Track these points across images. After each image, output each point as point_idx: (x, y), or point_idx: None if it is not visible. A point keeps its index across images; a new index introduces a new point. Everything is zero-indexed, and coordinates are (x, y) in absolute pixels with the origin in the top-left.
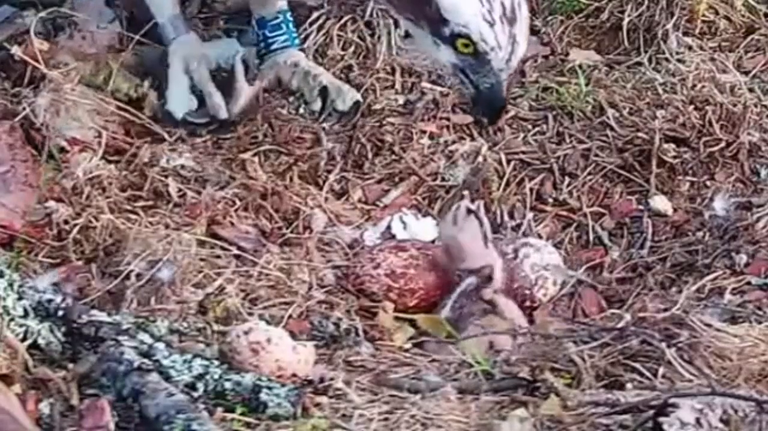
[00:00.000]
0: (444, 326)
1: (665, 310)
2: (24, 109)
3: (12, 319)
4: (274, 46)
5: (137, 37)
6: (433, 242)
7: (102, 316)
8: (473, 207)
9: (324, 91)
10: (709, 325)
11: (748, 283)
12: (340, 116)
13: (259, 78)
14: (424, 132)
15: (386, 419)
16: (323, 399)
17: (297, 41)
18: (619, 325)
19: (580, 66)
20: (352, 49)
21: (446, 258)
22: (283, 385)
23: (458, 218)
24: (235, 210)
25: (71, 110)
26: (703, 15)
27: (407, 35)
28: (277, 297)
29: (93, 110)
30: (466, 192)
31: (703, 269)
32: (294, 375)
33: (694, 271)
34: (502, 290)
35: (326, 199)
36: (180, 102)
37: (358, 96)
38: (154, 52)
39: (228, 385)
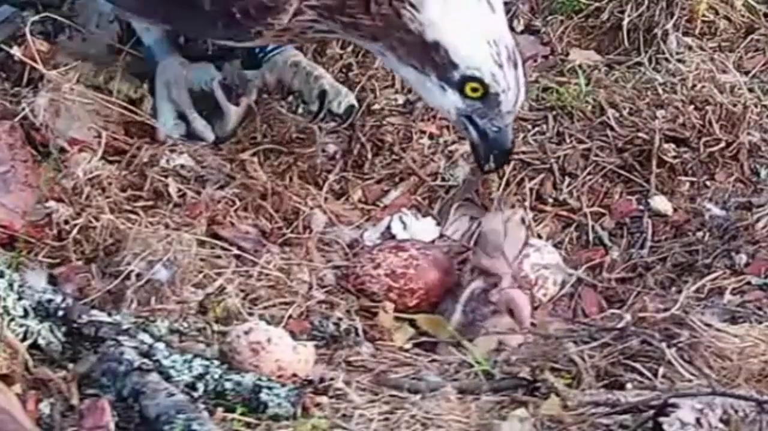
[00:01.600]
0: (444, 326)
1: (665, 310)
2: (23, 109)
3: (12, 319)
4: (271, 47)
5: (136, 37)
6: (433, 242)
7: (102, 316)
8: (528, 219)
9: (323, 94)
10: (709, 325)
11: (748, 283)
12: (333, 117)
13: (246, 95)
14: (424, 132)
15: (386, 419)
16: (323, 399)
17: None
18: (619, 325)
19: (580, 66)
20: (351, 48)
21: (476, 248)
22: (283, 385)
23: (510, 222)
24: (235, 210)
25: (71, 110)
26: (703, 15)
27: None
28: (277, 297)
29: (93, 110)
30: (527, 205)
31: (703, 269)
32: (294, 375)
33: (694, 271)
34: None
35: (326, 199)
36: (170, 128)
37: (354, 101)
38: None
39: (228, 385)
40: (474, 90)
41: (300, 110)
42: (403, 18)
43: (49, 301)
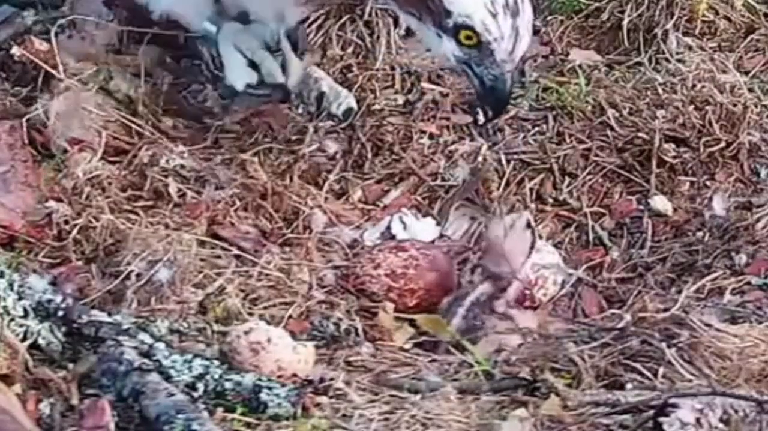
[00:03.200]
0: (444, 326)
1: (665, 310)
2: (30, 110)
3: (12, 319)
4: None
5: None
6: (433, 242)
7: (102, 316)
8: (533, 223)
9: (321, 96)
10: (709, 325)
11: (748, 283)
12: (332, 119)
13: (309, 52)
14: (424, 132)
15: (386, 419)
16: (323, 399)
17: None
18: (619, 325)
19: (580, 66)
20: (351, 49)
21: (482, 254)
22: (283, 385)
23: (516, 226)
24: (235, 210)
25: (72, 111)
26: (703, 15)
27: (407, 34)
28: (277, 297)
29: (93, 110)
30: (532, 205)
31: (703, 269)
32: (294, 375)
33: (694, 271)
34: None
35: (326, 199)
36: (239, 75)
37: (354, 104)
38: (152, 51)
39: (228, 385)
40: (468, 38)
41: (300, 110)
42: None
43: (49, 301)
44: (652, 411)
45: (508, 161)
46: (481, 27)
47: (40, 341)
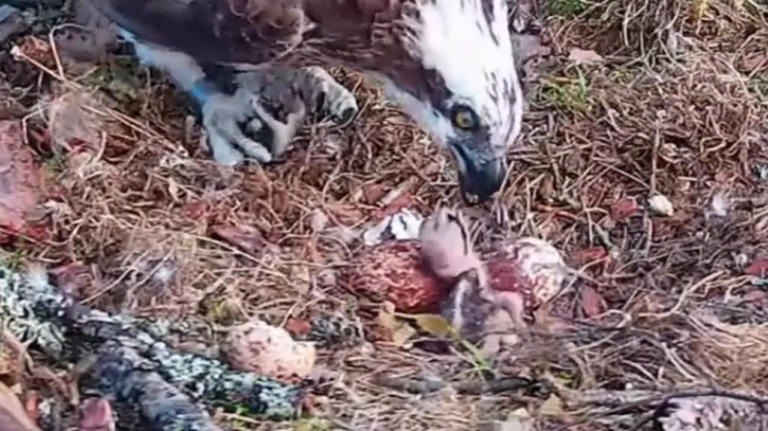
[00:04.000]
0: (444, 326)
1: (665, 310)
2: (30, 110)
3: (12, 319)
4: None
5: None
6: None
7: (102, 316)
8: (453, 214)
9: (322, 96)
10: (709, 325)
11: (748, 283)
12: (333, 119)
13: (294, 111)
14: (424, 132)
15: (386, 419)
16: (323, 399)
17: None
18: (619, 325)
19: (580, 66)
20: None
21: (427, 263)
22: (283, 385)
23: (439, 225)
24: (236, 210)
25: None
26: (704, 15)
27: None
28: (277, 297)
29: (93, 110)
30: (446, 200)
31: (703, 269)
32: (294, 375)
33: (694, 271)
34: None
35: (327, 199)
36: (227, 158)
37: (354, 104)
38: None
39: (228, 385)
40: (465, 121)
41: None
42: (403, 45)
43: (49, 301)
44: (652, 411)
45: (509, 161)
46: (481, 111)
47: (40, 341)
